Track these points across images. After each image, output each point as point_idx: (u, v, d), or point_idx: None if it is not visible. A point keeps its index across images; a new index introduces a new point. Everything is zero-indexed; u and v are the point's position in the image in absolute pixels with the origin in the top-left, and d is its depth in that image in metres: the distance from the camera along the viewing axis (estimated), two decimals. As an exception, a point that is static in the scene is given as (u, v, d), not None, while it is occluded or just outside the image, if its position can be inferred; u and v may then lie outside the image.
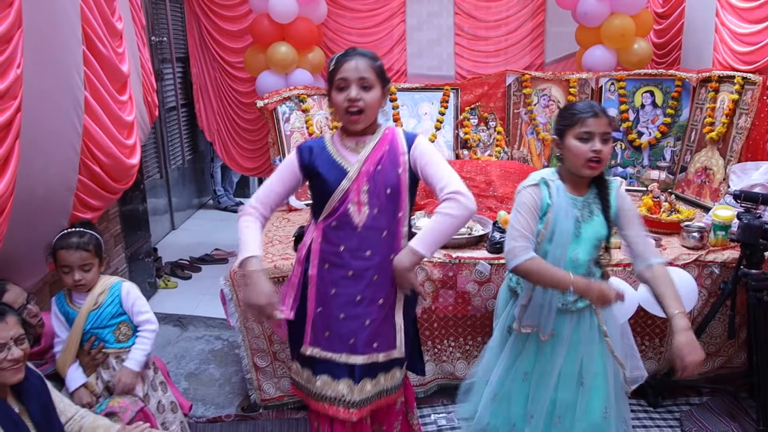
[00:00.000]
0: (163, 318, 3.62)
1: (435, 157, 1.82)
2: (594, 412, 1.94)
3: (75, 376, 2.05)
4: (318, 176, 1.83)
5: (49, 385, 1.81)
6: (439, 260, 2.63)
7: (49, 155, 2.13)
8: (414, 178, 1.85)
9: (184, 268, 4.19)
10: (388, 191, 1.80)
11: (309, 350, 1.87)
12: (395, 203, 1.82)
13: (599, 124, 1.80)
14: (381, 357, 1.86)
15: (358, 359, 1.83)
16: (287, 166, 1.89)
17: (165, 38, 4.62)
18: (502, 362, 2.02)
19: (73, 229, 2.12)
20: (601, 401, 1.95)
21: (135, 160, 2.76)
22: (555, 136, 1.90)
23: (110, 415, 1.98)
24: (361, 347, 1.82)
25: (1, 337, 1.61)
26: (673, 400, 2.85)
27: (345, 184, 1.79)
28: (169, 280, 3.97)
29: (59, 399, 1.84)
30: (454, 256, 2.65)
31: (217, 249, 4.48)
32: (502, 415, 2.01)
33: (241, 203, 5.74)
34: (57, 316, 2.10)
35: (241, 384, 3.00)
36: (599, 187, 1.90)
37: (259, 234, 1.86)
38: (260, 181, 5.13)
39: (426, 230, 1.76)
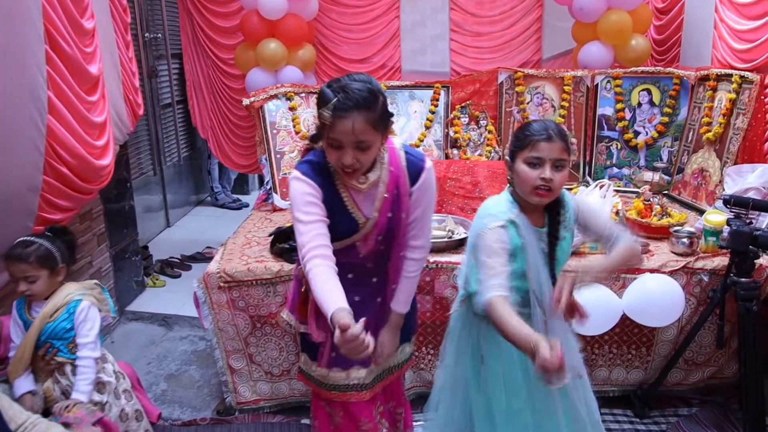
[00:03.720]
0: (148, 317, 3.62)
1: (429, 209, 1.76)
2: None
3: (22, 383, 2.03)
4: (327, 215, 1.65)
5: (-1, 391, 1.79)
6: (415, 265, 2.56)
7: (11, 155, 2.11)
8: None
9: (174, 267, 4.18)
10: (393, 231, 1.73)
11: (326, 371, 1.84)
12: (396, 236, 1.75)
13: (552, 150, 1.64)
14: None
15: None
16: (311, 196, 1.61)
17: (160, 35, 4.60)
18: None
19: (25, 238, 2.08)
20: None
21: (106, 160, 2.73)
22: (507, 158, 1.78)
23: (64, 425, 1.94)
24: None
25: None
26: (661, 411, 2.75)
27: (357, 237, 1.70)
28: (157, 279, 3.95)
29: (9, 405, 1.81)
30: (431, 260, 2.58)
31: (208, 247, 4.45)
32: None
33: (239, 200, 5.79)
34: (16, 321, 2.09)
35: (220, 386, 2.96)
36: (550, 212, 1.74)
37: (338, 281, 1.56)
38: (260, 179, 5.09)
39: (402, 294, 1.83)
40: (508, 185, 1.79)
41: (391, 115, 1.63)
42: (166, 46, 4.72)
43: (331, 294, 1.47)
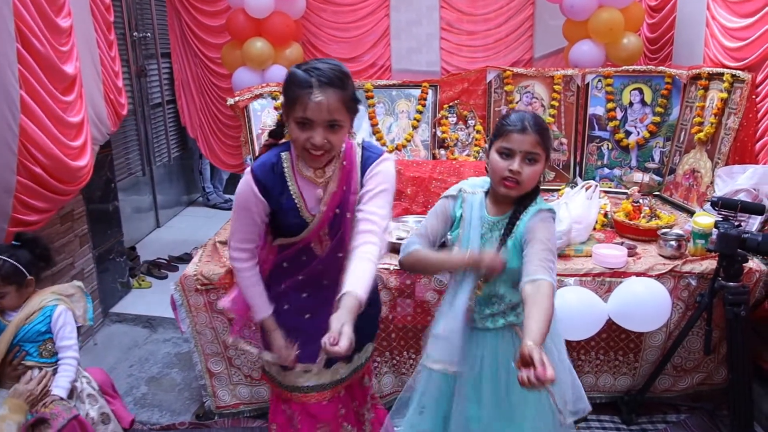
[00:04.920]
0: (132, 319, 3.58)
1: (384, 190, 1.63)
2: None
3: None
4: (275, 213, 1.67)
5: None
6: (395, 267, 2.51)
7: (-19, 156, 2.07)
8: None
9: (161, 267, 4.13)
10: (340, 230, 1.69)
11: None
12: (343, 234, 1.70)
13: (524, 142, 1.61)
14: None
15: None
16: (251, 198, 1.63)
17: (149, 34, 4.55)
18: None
19: None
20: None
21: (83, 161, 2.69)
22: (486, 146, 1.75)
23: (41, 421, 1.97)
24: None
25: None
26: (649, 418, 2.69)
27: (305, 234, 1.67)
28: (143, 280, 3.91)
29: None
30: (412, 263, 2.52)
31: (196, 248, 4.40)
32: None
33: (230, 200, 5.73)
34: None
35: (201, 390, 2.92)
36: (516, 209, 1.69)
37: (263, 286, 1.76)
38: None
39: (359, 276, 1.52)
40: None
41: (359, 101, 1.62)
42: (155, 46, 4.68)
43: (259, 301, 1.73)
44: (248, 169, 1.66)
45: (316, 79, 1.48)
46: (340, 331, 1.35)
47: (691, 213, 2.96)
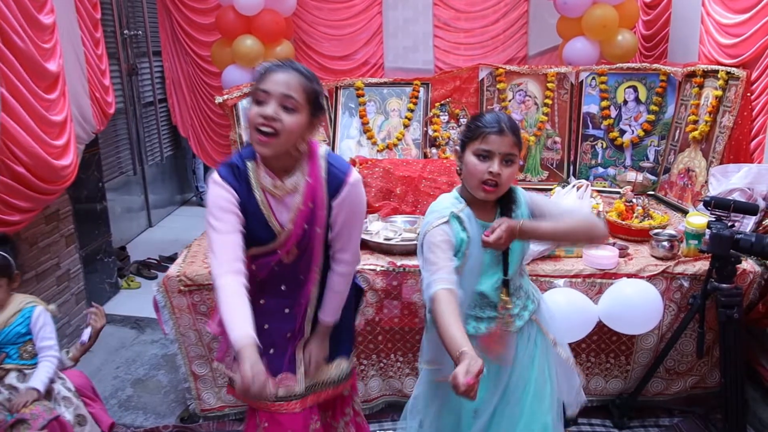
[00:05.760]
0: (120, 320, 3.53)
1: (353, 224, 1.66)
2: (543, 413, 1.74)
3: None
4: (245, 223, 1.59)
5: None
6: (382, 268, 2.46)
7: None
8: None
9: (151, 267, 4.09)
10: (310, 245, 1.65)
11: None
12: (312, 255, 1.67)
13: (502, 143, 1.58)
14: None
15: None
16: (227, 202, 1.55)
17: (141, 32, 4.51)
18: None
19: None
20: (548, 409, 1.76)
21: (67, 160, 2.65)
22: (458, 148, 1.70)
23: (21, 421, 1.95)
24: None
25: None
26: (641, 421, 2.64)
27: (274, 245, 1.63)
28: (132, 280, 3.87)
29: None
30: (398, 264, 2.48)
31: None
32: None
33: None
34: None
35: (186, 393, 2.88)
36: (503, 208, 1.68)
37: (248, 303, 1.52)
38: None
39: (330, 306, 1.73)
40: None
41: (324, 110, 1.61)
42: (147, 44, 4.64)
43: (237, 317, 1.43)
44: (214, 172, 1.62)
45: (281, 62, 1.54)
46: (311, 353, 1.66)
47: (685, 213, 2.91)
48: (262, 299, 1.69)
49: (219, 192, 1.55)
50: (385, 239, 2.62)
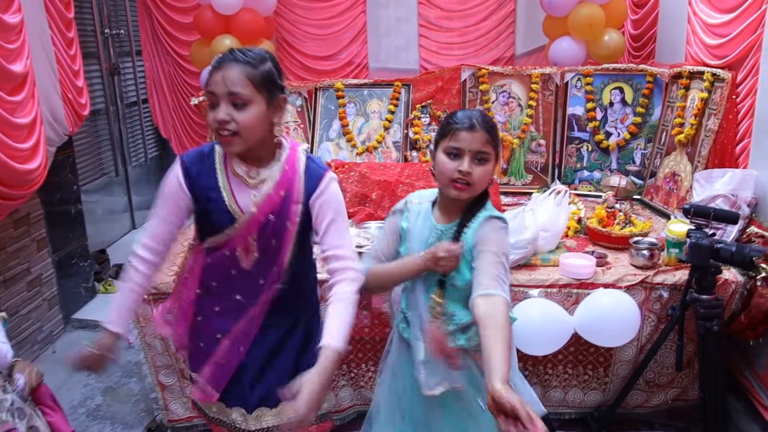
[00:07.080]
0: (95, 326, 3.46)
1: (340, 216, 1.57)
2: None
3: None
4: (202, 208, 1.56)
5: None
6: (351, 277, 2.39)
7: None
8: (309, 223, 1.59)
9: (131, 271, 4.02)
10: (273, 242, 1.56)
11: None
12: (276, 256, 1.57)
13: (474, 141, 1.51)
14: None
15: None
16: (175, 188, 1.55)
17: (123, 31, 4.44)
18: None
19: None
20: None
21: (35, 164, 2.59)
22: (432, 148, 1.64)
23: None
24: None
25: None
26: (620, 435, 2.56)
27: (230, 232, 1.54)
28: (110, 284, 3.80)
29: None
30: (369, 272, 2.40)
31: (169, 251, 4.30)
32: None
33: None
34: None
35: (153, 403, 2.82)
36: (464, 216, 1.58)
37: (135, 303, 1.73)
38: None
39: (336, 324, 1.49)
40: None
41: (282, 88, 1.52)
42: (130, 43, 4.57)
43: (116, 301, 1.68)
44: (178, 157, 1.59)
45: (221, 57, 1.48)
46: (300, 388, 1.34)
47: (671, 218, 2.82)
48: (217, 306, 1.64)
49: (170, 178, 1.57)
50: (357, 246, 2.54)
